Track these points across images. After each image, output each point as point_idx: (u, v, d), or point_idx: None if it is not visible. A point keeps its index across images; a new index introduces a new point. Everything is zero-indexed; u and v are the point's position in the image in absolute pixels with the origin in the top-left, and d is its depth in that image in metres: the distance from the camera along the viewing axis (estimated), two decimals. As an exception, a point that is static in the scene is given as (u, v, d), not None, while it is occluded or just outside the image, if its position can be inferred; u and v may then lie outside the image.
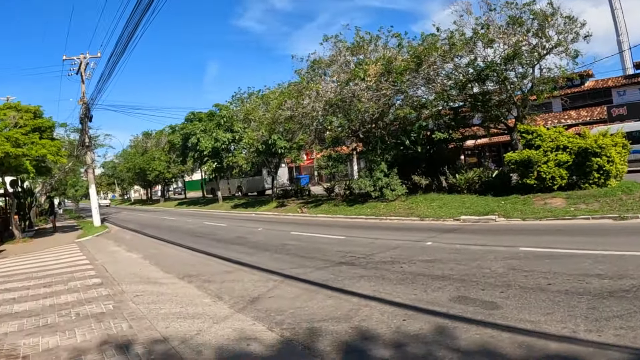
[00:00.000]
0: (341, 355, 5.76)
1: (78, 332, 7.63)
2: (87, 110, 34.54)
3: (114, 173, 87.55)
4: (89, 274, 13.56)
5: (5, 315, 9.21)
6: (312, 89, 24.56)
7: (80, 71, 35.08)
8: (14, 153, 23.07)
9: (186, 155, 47.77)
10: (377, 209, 22.74)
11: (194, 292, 10.16)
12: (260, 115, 32.45)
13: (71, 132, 49.16)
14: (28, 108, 27.26)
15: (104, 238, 25.62)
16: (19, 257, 19.65)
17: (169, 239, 21.35)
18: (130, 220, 39.56)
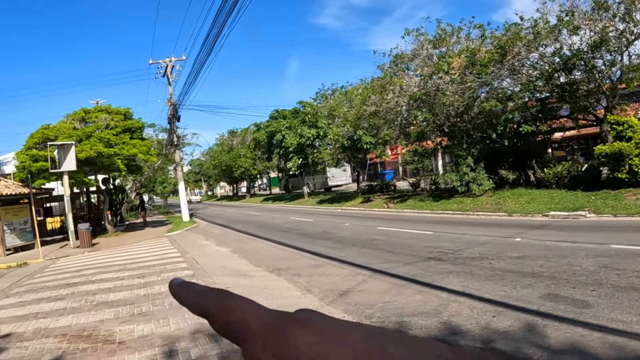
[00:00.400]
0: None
1: (172, 321, 7.83)
2: (174, 111, 35.72)
3: (200, 170, 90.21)
4: (181, 266, 13.96)
5: (101, 304, 9.60)
6: (396, 83, 24.25)
7: (167, 74, 36.33)
8: (106, 153, 24.24)
9: (271, 152, 48.44)
10: (463, 204, 22.21)
11: (283, 284, 10.22)
12: (344, 111, 32.38)
13: (159, 132, 51.18)
14: (118, 110, 28.52)
15: (193, 232, 26.36)
16: (112, 250, 20.56)
17: (257, 233, 21.65)
18: (218, 215, 40.51)
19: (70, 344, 7.03)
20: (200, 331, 7.10)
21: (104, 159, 24.63)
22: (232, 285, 10.40)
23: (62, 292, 11.30)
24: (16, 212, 22.46)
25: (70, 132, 24.63)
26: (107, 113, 27.76)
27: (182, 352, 6.29)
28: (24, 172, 23.27)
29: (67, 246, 23.02)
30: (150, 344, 6.77)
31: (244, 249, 17.11)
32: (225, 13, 20.78)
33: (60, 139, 23.41)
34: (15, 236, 22.29)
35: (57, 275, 14.44)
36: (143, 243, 22.46)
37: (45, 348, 6.96)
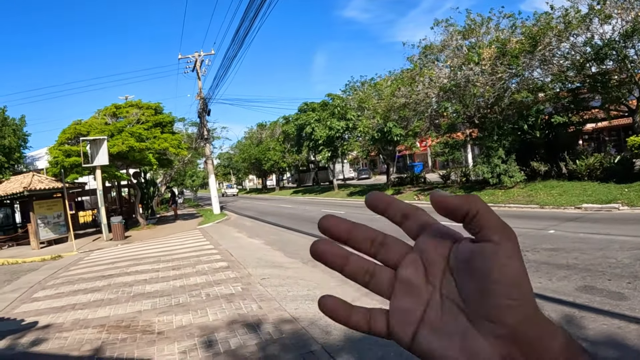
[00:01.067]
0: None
1: (209, 311, 7.82)
2: (204, 105, 35.93)
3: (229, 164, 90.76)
4: (215, 257, 13.97)
5: (138, 295, 9.65)
6: (425, 75, 23.99)
7: (196, 68, 36.52)
8: (137, 147, 24.46)
9: (301, 145, 48.47)
10: (495, 196, 21.88)
11: (319, 276, 10.15)
12: (374, 103, 32.18)
13: (189, 126, 51.63)
14: (149, 105, 28.79)
15: (224, 225, 26.47)
16: (145, 243, 20.75)
17: (289, 225, 21.64)
18: (248, 208, 40.67)
19: (109, 335, 7.06)
20: (238, 322, 7.08)
21: (136, 153, 24.85)
22: (268, 276, 10.38)
23: (98, 284, 11.39)
24: (50, 206, 22.78)
25: (102, 127, 24.91)
26: (137, 108, 28.04)
27: (222, 342, 6.25)
28: (57, 167, 23.61)
29: (100, 239, 23.30)
30: (189, 334, 6.76)
31: (278, 241, 17.09)
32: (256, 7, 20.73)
33: (92, 134, 23.68)
34: (49, 230, 22.63)
35: (92, 267, 14.58)
36: (175, 236, 22.61)
37: (84, 338, 6.99)
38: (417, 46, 26.14)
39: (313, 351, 5.66)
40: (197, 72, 36.42)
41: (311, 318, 6.93)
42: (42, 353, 6.59)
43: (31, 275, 14.44)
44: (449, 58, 24.14)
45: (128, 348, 6.38)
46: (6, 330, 7.91)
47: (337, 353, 5.53)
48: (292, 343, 6.00)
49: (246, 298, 8.49)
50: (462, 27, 24.25)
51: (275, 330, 6.55)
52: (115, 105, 28.38)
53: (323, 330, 6.33)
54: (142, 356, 6.02)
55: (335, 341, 5.93)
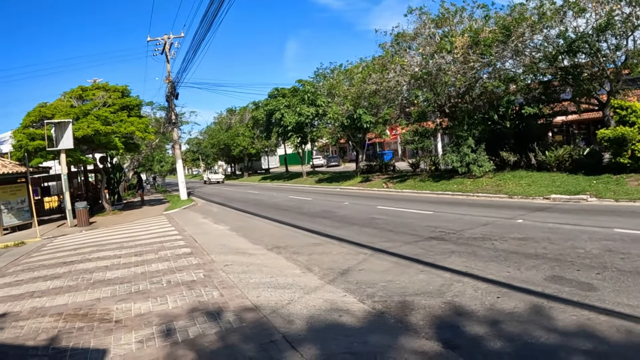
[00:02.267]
0: (435, 329, 5.51)
1: (169, 299, 7.72)
2: (172, 89, 35.48)
3: (198, 149, 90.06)
4: (179, 244, 13.83)
5: (98, 282, 9.48)
6: (397, 62, 23.98)
7: (165, 51, 35.99)
8: (103, 130, 23.97)
9: (270, 131, 48.27)
10: (463, 185, 22.06)
11: (283, 263, 10.10)
12: (344, 89, 32.12)
13: (157, 110, 50.93)
14: (116, 88, 28.25)
15: (191, 211, 26.24)
16: (110, 228, 20.44)
17: (255, 212, 21.55)
18: (216, 194, 40.40)
19: (66, 323, 6.89)
20: (198, 310, 6.98)
21: (102, 137, 24.35)
22: (231, 263, 10.29)
23: (59, 271, 11.15)
24: (13, 192, 22.26)
25: (67, 110, 24.34)
26: (104, 91, 27.49)
27: (180, 331, 6.15)
28: (21, 151, 23.03)
29: (65, 225, 22.89)
30: (147, 322, 6.64)
31: (243, 227, 16.99)
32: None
33: (57, 117, 23.13)
34: (12, 215, 22.12)
35: (54, 253, 14.28)
36: (140, 221, 22.33)
37: (40, 327, 6.80)
38: (390, 33, 26.19)
39: (274, 341, 5.58)
40: (166, 55, 35.88)
41: (273, 306, 6.86)
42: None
43: (-9, 262, 14.11)
44: (421, 46, 24.18)
45: (85, 337, 6.23)
46: (-40, 319, 7.69)
47: (298, 343, 5.45)
48: (253, 332, 5.91)
49: (208, 285, 8.40)
50: (435, 16, 24.28)
51: (236, 319, 6.46)
52: (81, 87, 27.76)
53: (285, 320, 6.26)
54: (98, 346, 5.89)
55: (297, 330, 5.86)
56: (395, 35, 25.63)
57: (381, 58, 26.44)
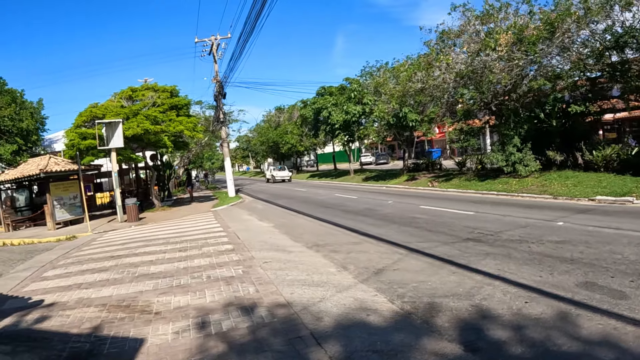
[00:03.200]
0: (458, 332, 5.61)
1: (207, 293, 8.04)
2: (220, 88, 36.17)
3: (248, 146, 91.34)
4: (222, 240, 14.21)
5: (142, 276, 9.91)
6: (442, 60, 23.84)
7: (212, 52, 36.70)
8: (152, 130, 24.78)
9: (318, 129, 48.58)
10: (508, 185, 21.81)
11: (320, 260, 10.32)
12: (390, 88, 32.11)
13: (206, 109, 52.01)
14: (165, 88, 29.05)
15: (237, 207, 26.75)
16: (158, 224, 21.09)
17: (300, 209, 21.84)
18: (263, 191, 40.95)
19: (109, 314, 7.31)
20: (234, 304, 7.28)
21: (151, 136, 25.15)
22: (270, 260, 10.57)
23: (106, 264, 11.69)
24: (66, 188, 23.23)
25: (117, 110, 25.22)
26: (153, 91, 28.32)
27: (214, 324, 6.46)
28: (73, 150, 24.03)
29: (115, 220, 23.74)
30: (184, 314, 6.98)
31: (286, 224, 17.30)
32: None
33: (107, 117, 24.01)
34: (65, 211, 23.09)
35: (103, 248, 14.91)
36: (188, 218, 22.94)
37: (85, 317, 7.25)
38: (435, 31, 26.00)
39: (301, 336, 5.80)
40: (213, 55, 36.58)
41: (305, 303, 7.10)
42: (44, 330, 6.88)
43: (44, 255, 14.84)
44: (466, 43, 23.96)
45: (125, 327, 6.62)
46: (13, 308, 8.22)
47: (324, 339, 5.65)
48: (283, 328, 6.15)
49: (245, 281, 8.70)
50: (480, 12, 24.01)
51: (268, 314, 6.72)
52: (131, 88, 28.67)
53: (315, 316, 6.48)
54: (137, 335, 6.26)
55: (324, 327, 6.06)
56: (440, 33, 25.47)
57: (426, 56, 26.31)
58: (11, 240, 19.62)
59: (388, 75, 35.20)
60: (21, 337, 6.68)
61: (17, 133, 30.43)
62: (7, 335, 6.85)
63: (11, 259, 15.11)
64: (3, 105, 30.25)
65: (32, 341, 6.49)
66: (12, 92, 33.01)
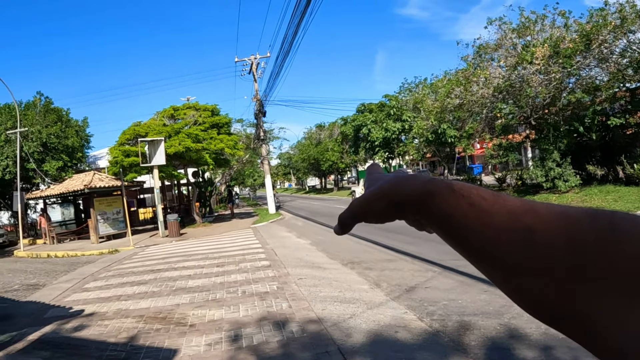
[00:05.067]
0: (484, 350, 5.67)
1: (242, 308, 8.26)
2: (260, 106, 36.76)
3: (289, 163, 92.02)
4: (260, 256, 14.46)
5: (180, 289, 10.21)
6: (480, 75, 23.79)
7: (252, 71, 37.36)
8: (194, 148, 25.44)
9: (358, 146, 48.82)
10: (548, 201, 21.39)
11: (354, 278, 10.45)
12: (429, 104, 32.14)
13: (247, 127, 52.80)
14: (206, 107, 29.81)
15: (277, 224, 27.04)
16: (198, 240, 21.51)
17: (338, 227, 21.91)
18: (303, 208, 41.20)
19: (145, 324, 7.60)
20: (266, 319, 7.47)
21: (192, 154, 25.79)
22: (305, 277, 10.75)
23: (146, 277, 12.07)
24: (109, 203, 23.99)
25: (159, 129, 25.95)
26: (195, 110, 29.04)
27: (246, 337, 6.66)
28: (116, 167, 24.81)
29: (157, 235, 24.31)
30: (218, 328, 7.21)
31: (323, 241, 17.47)
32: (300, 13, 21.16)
33: (150, 135, 24.75)
34: (108, 225, 23.82)
35: (144, 262, 15.35)
36: (228, 234, 23.31)
37: (122, 327, 7.56)
38: (472, 45, 26.02)
39: (329, 352, 5.94)
40: (253, 74, 37.23)
41: (335, 319, 7.24)
42: (82, 338, 7.22)
43: (87, 267, 15.38)
44: (503, 57, 23.90)
45: (160, 338, 6.89)
46: (55, 316, 8.63)
47: (351, 355, 5.78)
48: (312, 342, 6.31)
49: (279, 297, 8.89)
50: (516, 25, 23.93)
51: (299, 329, 6.90)
52: (173, 107, 29.48)
53: (344, 332, 6.62)
54: (171, 346, 6.51)
55: (352, 343, 6.20)
56: (477, 47, 25.45)
57: (464, 71, 26.31)
58: (55, 253, 20.37)
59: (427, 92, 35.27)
60: (60, 344, 7.03)
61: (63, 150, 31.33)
62: (48, 342, 7.22)
63: (55, 270, 15.71)
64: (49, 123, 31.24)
65: (70, 348, 6.83)
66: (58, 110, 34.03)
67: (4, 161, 28.85)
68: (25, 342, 7.34)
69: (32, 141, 28.85)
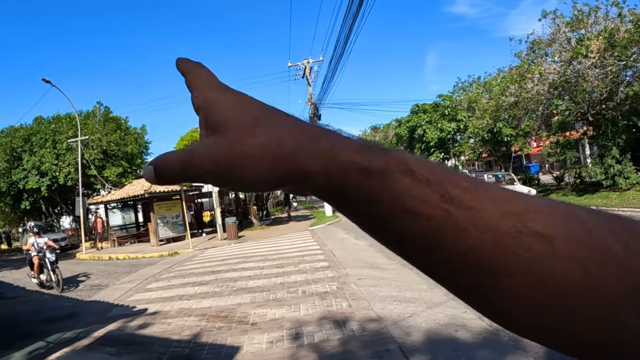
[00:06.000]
0: (546, 350, 5.53)
1: (302, 307, 8.32)
2: (315, 110, 36.98)
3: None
4: (318, 257, 14.52)
5: (240, 289, 10.37)
6: (535, 71, 23.26)
7: (306, 75, 37.63)
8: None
9: (413, 147, 48.40)
10: (608, 199, 20.78)
11: (413, 278, 10.36)
12: (483, 103, 31.62)
13: (303, 131, 53.07)
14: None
15: (334, 226, 27.06)
16: (256, 242, 21.76)
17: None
18: (361, 211, 41.01)
19: (208, 323, 7.76)
20: (326, 318, 7.51)
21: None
22: (364, 277, 10.73)
23: (207, 278, 12.30)
24: (169, 207, 24.62)
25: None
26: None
27: (307, 335, 6.72)
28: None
29: (216, 238, 24.73)
30: (279, 326, 7.29)
31: (381, 243, 17.38)
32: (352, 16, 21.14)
33: (208, 139, 25.22)
34: (167, 228, 24.42)
35: (204, 263, 15.66)
36: (285, 236, 23.48)
37: (186, 325, 7.75)
38: (525, 41, 25.51)
39: (389, 349, 5.94)
40: (307, 78, 37.50)
41: (395, 318, 7.22)
42: (146, 335, 7.45)
43: (148, 269, 15.82)
44: (557, 52, 23.34)
45: (222, 335, 7.02)
46: (119, 315, 8.91)
47: (410, 353, 5.77)
48: (372, 340, 6.33)
49: (339, 296, 8.91)
50: (569, 19, 23.32)
51: (359, 327, 6.91)
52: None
53: (404, 331, 6.59)
54: (234, 343, 6.62)
55: (412, 341, 6.18)
56: (531, 43, 24.91)
57: (518, 68, 25.80)
58: (117, 255, 21.05)
59: (480, 90, 34.73)
60: (125, 341, 7.28)
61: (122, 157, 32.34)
62: (113, 338, 7.49)
63: (117, 272, 16.26)
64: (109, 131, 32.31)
65: (135, 344, 7.06)
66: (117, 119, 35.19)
67: (66, 168, 30.03)
68: (90, 338, 7.62)
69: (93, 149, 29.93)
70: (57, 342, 7.58)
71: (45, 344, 7.57)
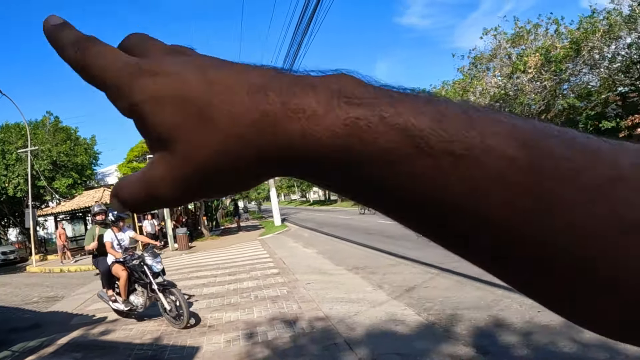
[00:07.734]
0: (473, 338, 6.33)
1: (255, 310, 8.93)
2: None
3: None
4: (269, 265, 15.10)
5: (196, 296, 10.84)
6: (477, 85, 24.41)
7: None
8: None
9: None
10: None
11: (358, 281, 11.07)
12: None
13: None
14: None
15: (283, 236, 27.60)
16: (207, 252, 22.16)
17: (343, 236, 22.49)
18: (308, 219, 41.74)
19: (167, 327, 8.26)
20: (278, 318, 8.13)
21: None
22: (313, 282, 11.37)
23: (162, 288, 12.73)
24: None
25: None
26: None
27: (261, 334, 7.34)
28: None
29: (167, 249, 24.92)
30: (235, 327, 7.88)
31: (330, 250, 18.03)
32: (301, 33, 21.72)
33: (159, 151, 25.47)
34: (120, 240, 24.46)
35: (158, 273, 15.99)
36: (236, 246, 23.89)
37: (147, 330, 8.29)
38: (467, 57, 26.66)
39: (336, 343, 6.62)
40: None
41: (341, 317, 7.88)
42: (110, 340, 7.95)
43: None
44: (498, 67, 24.51)
45: (182, 337, 7.56)
46: (80, 323, 9.35)
47: (356, 345, 6.45)
48: (320, 336, 6.99)
49: (289, 299, 9.54)
50: (511, 35, 24.54)
51: (308, 326, 7.56)
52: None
53: (349, 327, 7.26)
54: (194, 344, 7.17)
55: (357, 335, 6.86)
56: (473, 58, 26.06)
57: (461, 82, 26.92)
58: (68, 268, 21.10)
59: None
60: (90, 346, 7.76)
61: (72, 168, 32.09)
62: (77, 344, 7.95)
63: (70, 283, 16.49)
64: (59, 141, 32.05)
65: (100, 349, 7.54)
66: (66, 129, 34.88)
67: (15, 179, 29.68)
68: (55, 345, 8.02)
69: (43, 159, 29.66)
70: (22, 350, 7.94)
71: (10, 353, 7.93)
